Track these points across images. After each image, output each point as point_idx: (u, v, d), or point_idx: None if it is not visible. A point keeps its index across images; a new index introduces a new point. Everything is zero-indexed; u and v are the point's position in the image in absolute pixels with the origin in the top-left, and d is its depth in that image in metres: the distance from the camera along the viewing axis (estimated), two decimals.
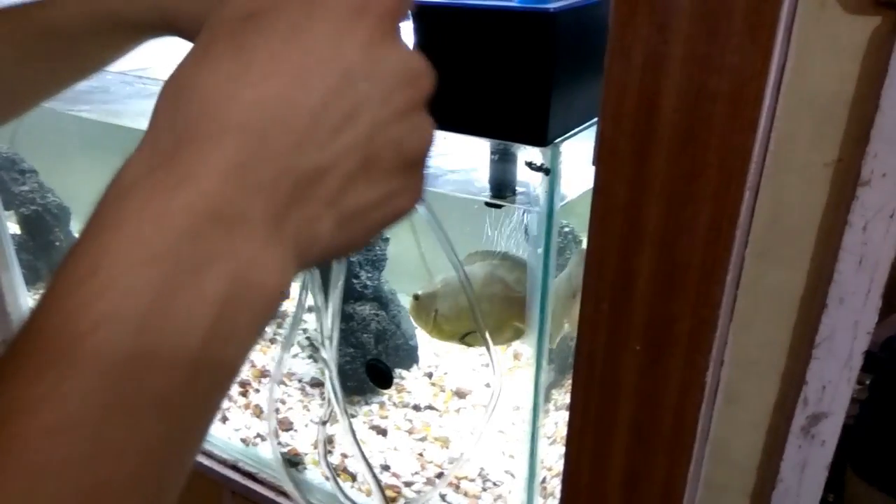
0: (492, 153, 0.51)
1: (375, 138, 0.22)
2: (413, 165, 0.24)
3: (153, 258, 0.19)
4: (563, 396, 0.74)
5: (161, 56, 0.49)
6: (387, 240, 0.96)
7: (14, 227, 1.17)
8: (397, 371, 0.96)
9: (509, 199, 0.53)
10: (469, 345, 0.77)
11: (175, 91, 0.21)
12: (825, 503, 0.45)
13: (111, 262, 0.18)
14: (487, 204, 0.55)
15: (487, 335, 0.66)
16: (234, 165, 0.20)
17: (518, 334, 0.73)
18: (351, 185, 0.22)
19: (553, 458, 0.72)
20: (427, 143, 0.24)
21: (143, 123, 0.21)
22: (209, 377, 0.20)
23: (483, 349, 0.99)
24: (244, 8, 0.21)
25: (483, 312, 0.66)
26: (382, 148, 0.23)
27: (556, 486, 0.71)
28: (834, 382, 0.41)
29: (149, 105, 0.22)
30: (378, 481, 0.74)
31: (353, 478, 0.81)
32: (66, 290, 0.19)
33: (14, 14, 0.42)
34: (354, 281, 0.91)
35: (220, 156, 0.20)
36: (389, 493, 0.78)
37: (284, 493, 0.81)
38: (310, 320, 0.95)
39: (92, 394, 0.18)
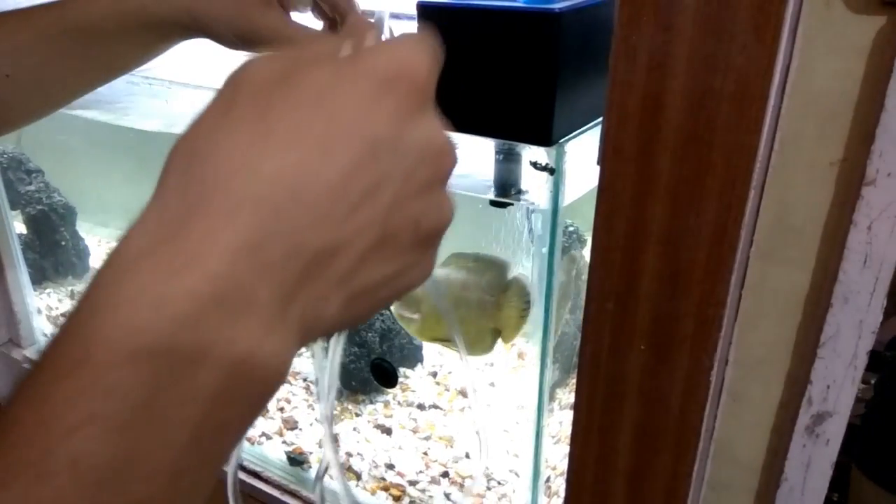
0: (496, 153, 0.51)
1: (394, 216, 0.21)
2: (427, 242, 0.23)
3: (147, 350, 0.17)
4: (567, 396, 0.75)
5: (166, 57, 0.50)
6: None
7: (20, 227, 1.17)
8: (402, 370, 0.96)
9: (514, 198, 0.53)
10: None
11: (189, 152, 0.20)
12: (830, 502, 0.45)
13: (101, 352, 0.17)
14: (492, 203, 0.55)
15: (462, 348, 0.63)
16: (245, 245, 0.18)
17: (497, 337, 0.72)
18: (364, 264, 0.21)
19: (557, 457, 0.73)
20: (445, 221, 0.23)
21: (148, 124, 0.21)
22: (195, 474, 0.19)
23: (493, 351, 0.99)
24: (270, 69, 0.20)
25: (462, 319, 0.65)
26: (400, 225, 0.21)
27: (560, 485, 0.71)
28: (838, 382, 0.41)
29: (154, 105, 0.21)
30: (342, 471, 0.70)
31: (358, 476, 0.81)
32: (51, 380, 0.17)
33: (47, 11, 0.42)
34: None
35: (231, 233, 0.18)
36: (394, 491, 0.78)
37: (289, 492, 0.81)
38: None
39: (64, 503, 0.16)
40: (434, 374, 0.96)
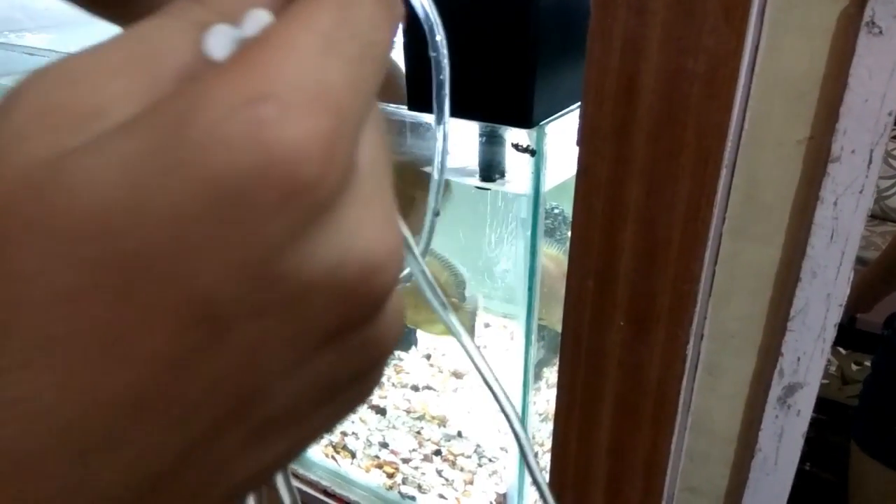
0: (479, 136, 0.52)
1: (279, 395, 0.14)
2: (357, 383, 0.16)
3: None
4: (553, 374, 0.76)
5: None
6: None
7: None
8: (396, 353, 0.98)
9: (498, 182, 0.54)
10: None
11: None
12: (802, 472, 0.46)
13: None
14: (478, 187, 0.56)
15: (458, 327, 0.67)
16: None
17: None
18: (234, 466, 0.14)
19: (545, 434, 0.74)
20: (382, 354, 0.16)
21: None
22: None
23: (481, 331, 1.00)
24: (30, 159, 0.11)
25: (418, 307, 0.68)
26: (295, 399, 0.14)
27: (548, 461, 0.73)
28: (808, 354, 0.43)
29: None
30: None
31: (353, 455, 0.83)
32: None
33: None
34: None
35: None
36: (388, 469, 0.80)
37: None
38: None
39: None
40: (428, 357, 0.97)
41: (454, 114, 0.53)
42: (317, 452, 0.85)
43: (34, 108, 0.12)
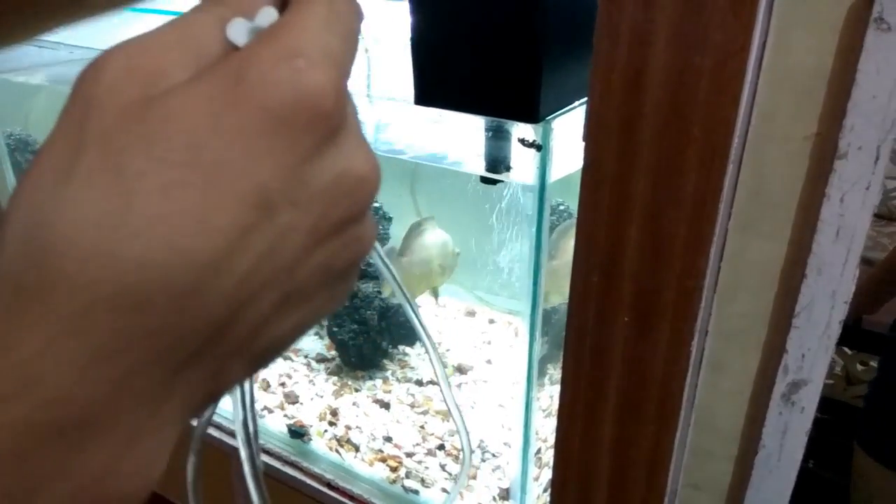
0: (486, 130, 0.52)
1: (300, 270, 0.18)
2: (342, 277, 0.21)
3: None
4: (558, 371, 0.76)
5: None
6: (390, 219, 0.98)
7: None
8: (401, 347, 0.98)
9: (503, 175, 0.54)
10: None
11: (26, 221, 0.16)
12: (805, 469, 0.46)
13: None
14: (483, 180, 0.56)
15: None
16: (98, 356, 0.15)
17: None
18: (264, 328, 0.19)
19: (548, 430, 0.74)
20: (364, 252, 0.21)
21: None
22: None
23: (485, 327, 1.00)
24: (127, 87, 0.16)
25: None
26: (308, 276, 0.19)
27: (551, 456, 0.73)
28: (813, 350, 0.43)
29: None
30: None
31: (357, 449, 0.84)
32: None
33: None
34: None
35: (79, 344, 0.15)
36: (391, 462, 0.80)
37: (290, 463, 0.83)
38: None
39: None
40: None
41: (461, 108, 0.53)
42: (321, 445, 0.85)
43: (119, 70, 0.16)
